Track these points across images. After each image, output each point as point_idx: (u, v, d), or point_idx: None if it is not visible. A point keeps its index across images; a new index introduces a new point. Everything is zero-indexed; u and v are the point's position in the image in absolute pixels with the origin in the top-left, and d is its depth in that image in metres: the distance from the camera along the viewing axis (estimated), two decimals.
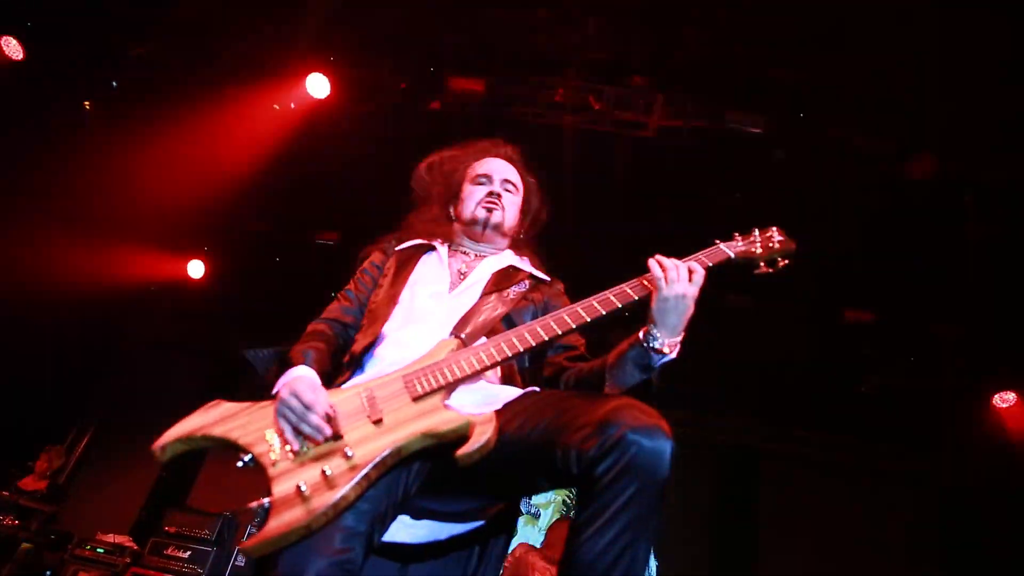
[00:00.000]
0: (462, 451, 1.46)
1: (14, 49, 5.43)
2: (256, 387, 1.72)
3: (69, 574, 5.73)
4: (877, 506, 7.43)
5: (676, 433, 1.36)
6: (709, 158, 5.98)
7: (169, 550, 5.81)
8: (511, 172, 2.25)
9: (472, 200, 2.16)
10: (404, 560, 1.76)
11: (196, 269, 8.15)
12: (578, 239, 6.37)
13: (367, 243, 2.30)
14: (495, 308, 1.89)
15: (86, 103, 6.06)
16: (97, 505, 7.65)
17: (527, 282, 2.05)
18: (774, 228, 1.91)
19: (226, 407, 1.63)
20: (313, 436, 1.52)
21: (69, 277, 7.66)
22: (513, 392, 1.77)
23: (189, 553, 5.77)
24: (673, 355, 1.67)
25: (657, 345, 1.64)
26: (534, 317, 1.93)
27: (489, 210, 2.13)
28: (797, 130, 5.56)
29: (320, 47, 5.69)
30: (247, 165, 6.42)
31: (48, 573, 5.95)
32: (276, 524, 1.40)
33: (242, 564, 5.57)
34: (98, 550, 5.86)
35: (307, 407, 1.54)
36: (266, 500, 1.45)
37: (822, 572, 7.05)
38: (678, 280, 1.63)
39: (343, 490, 1.44)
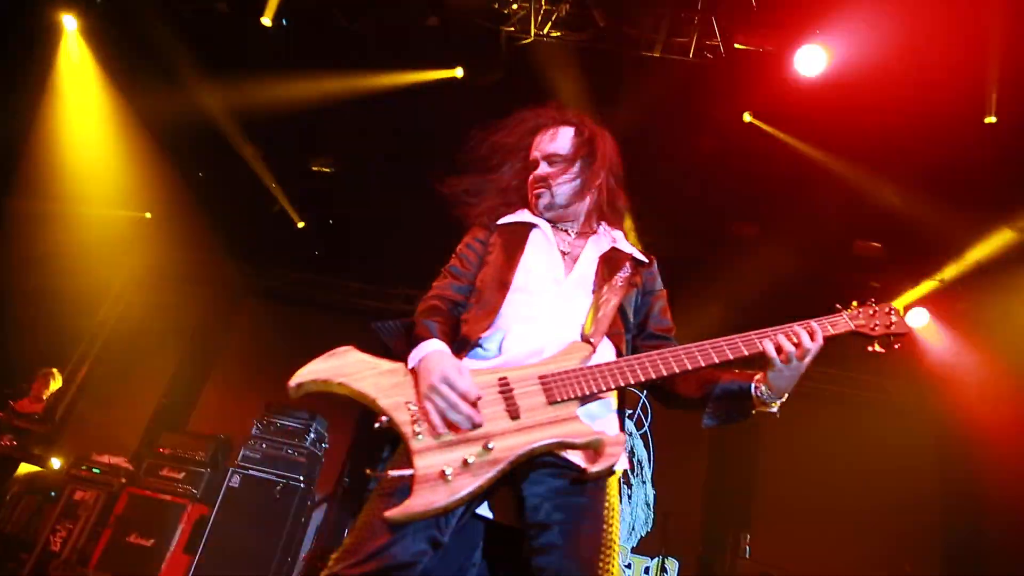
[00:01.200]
0: (593, 468, 1.59)
1: None
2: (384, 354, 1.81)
3: (66, 493, 5.78)
4: (873, 435, 7.41)
5: None
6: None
7: (164, 471, 5.85)
8: (553, 143, 2.12)
9: (530, 190, 2.14)
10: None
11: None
12: None
13: None
14: (608, 300, 1.91)
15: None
16: (98, 430, 7.70)
17: (629, 265, 2.04)
18: (893, 308, 1.89)
19: (361, 359, 1.71)
20: (461, 424, 1.60)
21: (68, 206, 7.58)
22: (612, 422, 1.88)
23: (184, 474, 5.81)
24: (776, 409, 1.80)
25: (768, 400, 1.78)
26: (638, 302, 2.04)
27: (538, 196, 2.09)
28: None
29: None
30: None
31: (52, 494, 6.01)
32: (420, 501, 1.51)
33: (235, 485, 5.58)
34: (94, 470, 5.91)
35: (461, 395, 1.61)
36: (408, 471, 1.55)
37: (819, 499, 7.06)
38: (794, 360, 1.72)
39: (480, 480, 1.55)
